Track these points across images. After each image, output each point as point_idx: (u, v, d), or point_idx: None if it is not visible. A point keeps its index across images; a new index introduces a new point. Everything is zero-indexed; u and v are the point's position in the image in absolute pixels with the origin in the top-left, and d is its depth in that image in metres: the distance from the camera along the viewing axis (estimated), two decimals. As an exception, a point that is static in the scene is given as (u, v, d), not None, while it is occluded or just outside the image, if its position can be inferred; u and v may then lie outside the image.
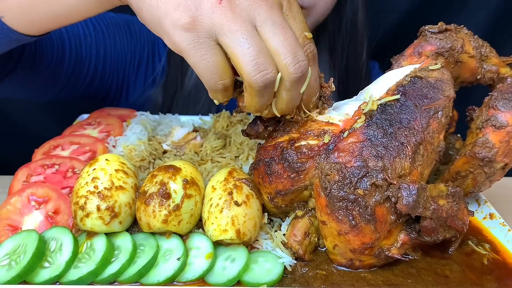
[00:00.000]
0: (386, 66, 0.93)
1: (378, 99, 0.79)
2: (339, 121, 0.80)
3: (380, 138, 0.75)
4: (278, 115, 0.74)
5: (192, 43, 0.65)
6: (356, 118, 0.78)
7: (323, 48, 1.41)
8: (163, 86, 1.43)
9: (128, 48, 1.40)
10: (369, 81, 0.95)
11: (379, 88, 0.83)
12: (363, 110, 0.78)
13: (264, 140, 0.84)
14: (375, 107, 0.77)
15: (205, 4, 0.64)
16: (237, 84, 0.72)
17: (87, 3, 0.80)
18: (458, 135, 1.00)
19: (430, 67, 0.83)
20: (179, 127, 1.09)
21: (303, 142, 0.77)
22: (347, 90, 1.41)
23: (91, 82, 1.34)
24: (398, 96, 0.79)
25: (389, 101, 0.78)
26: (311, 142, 0.77)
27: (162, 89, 1.43)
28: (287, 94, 0.69)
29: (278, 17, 0.66)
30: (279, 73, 0.66)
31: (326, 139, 0.77)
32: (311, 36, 0.72)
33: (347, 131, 0.77)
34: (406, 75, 0.82)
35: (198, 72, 0.68)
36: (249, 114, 0.86)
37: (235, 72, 0.68)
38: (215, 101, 0.72)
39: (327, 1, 1.23)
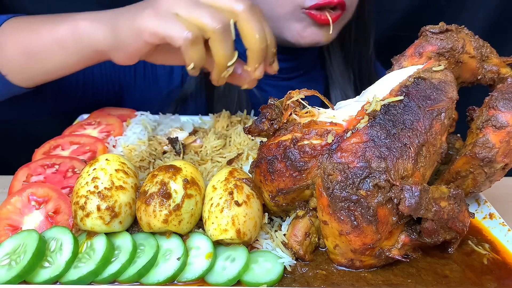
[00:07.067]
0: (386, 66, 0.93)
1: (381, 100, 0.79)
2: (342, 121, 0.80)
3: (383, 139, 0.75)
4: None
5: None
6: (360, 118, 0.78)
7: (335, 43, 1.42)
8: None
9: None
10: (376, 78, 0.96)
11: (382, 89, 0.82)
12: (367, 110, 0.78)
13: (266, 139, 0.84)
14: (378, 108, 0.77)
15: None
16: None
17: (73, 62, 0.99)
18: (458, 135, 1.00)
19: (434, 68, 0.82)
20: (179, 130, 1.09)
21: (306, 141, 0.77)
22: (362, 85, 1.43)
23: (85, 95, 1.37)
24: (401, 97, 0.78)
25: (392, 101, 0.78)
26: (314, 141, 0.77)
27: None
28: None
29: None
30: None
31: (329, 138, 0.76)
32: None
33: (350, 131, 0.77)
34: (410, 76, 0.82)
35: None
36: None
37: None
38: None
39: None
